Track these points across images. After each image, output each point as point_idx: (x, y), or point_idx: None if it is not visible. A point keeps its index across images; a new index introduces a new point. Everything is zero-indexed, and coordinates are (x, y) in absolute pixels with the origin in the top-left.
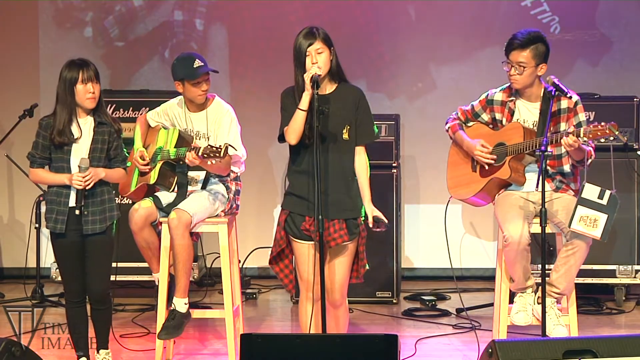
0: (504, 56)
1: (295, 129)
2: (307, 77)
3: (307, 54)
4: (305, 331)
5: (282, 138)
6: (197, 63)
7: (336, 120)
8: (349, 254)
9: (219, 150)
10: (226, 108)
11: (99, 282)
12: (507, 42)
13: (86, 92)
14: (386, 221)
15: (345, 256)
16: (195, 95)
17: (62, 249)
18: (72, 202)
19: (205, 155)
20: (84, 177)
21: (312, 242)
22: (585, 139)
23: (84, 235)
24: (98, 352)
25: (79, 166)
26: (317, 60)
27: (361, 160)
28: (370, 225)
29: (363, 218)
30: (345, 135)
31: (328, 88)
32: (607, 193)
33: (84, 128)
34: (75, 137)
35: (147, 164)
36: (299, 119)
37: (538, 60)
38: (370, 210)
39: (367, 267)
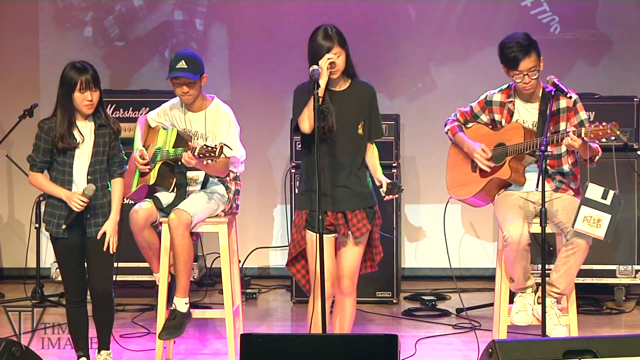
0: (506, 70)
1: (310, 117)
2: (322, 63)
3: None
4: (309, 322)
5: (298, 128)
6: (181, 65)
7: (352, 115)
8: (362, 241)
9: (214, 150)
10: (225, 110)
11: (102, 281)
12: (508, 57)
13: (84, 100)
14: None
15: (359, 244)
16: (178, 94)
17: (63, 249)
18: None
19: (201, 155)
20: (84, 202)
21: (334, 235)
22: (586, 139)
23: (83, 235)
24: (99, 352)
25: (83, 191)
26: (336, 65)
27: (372, 151)
28: (384, 193)
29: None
30: (360, 131)
31: (342, 85)
32: (611, 193)
33: (85, 132)
34: (77, 142)
35: (146, 164)
36: (312, 105)
37: (539, 57)
38: (383, 178)
39: (382, 253)
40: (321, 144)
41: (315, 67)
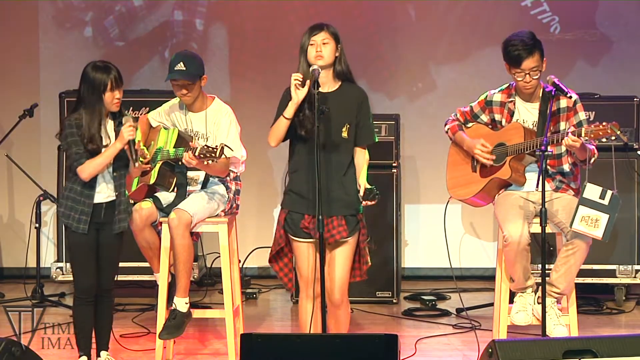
0: (508, 67)
1: (276, 134)
2: (294, 76)
3: (312, 43)
4: (305, 330)
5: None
6: (179, 66)
7: (336, 118)
8: (348, 251)
9: (215, 150)
10: (225, 110)
11: (109, 277)
12: (511, 55)
13: (113, 99)
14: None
15: (345, 253)
16: (177, 95)
17: (80, 245)
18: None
19: (202, 156)
20: (134, 127)
21: (312, 240)
22: (586, 138)
23: (99, 230)
24: (99, 354)
25: (125, 123)
26: (321, 50)
27: (361, 155)
28: (361, 198)
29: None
30: (345, 134)
31: (331, 86)
32: (609, 193)
33: (109, 130)
34: (104, 143)
35: (147, 163)
36: (281, 126)
37: (542, 57)
38: (364, 183)
39: (370, 263)
40: (303, 144)
41: (314, 66)
